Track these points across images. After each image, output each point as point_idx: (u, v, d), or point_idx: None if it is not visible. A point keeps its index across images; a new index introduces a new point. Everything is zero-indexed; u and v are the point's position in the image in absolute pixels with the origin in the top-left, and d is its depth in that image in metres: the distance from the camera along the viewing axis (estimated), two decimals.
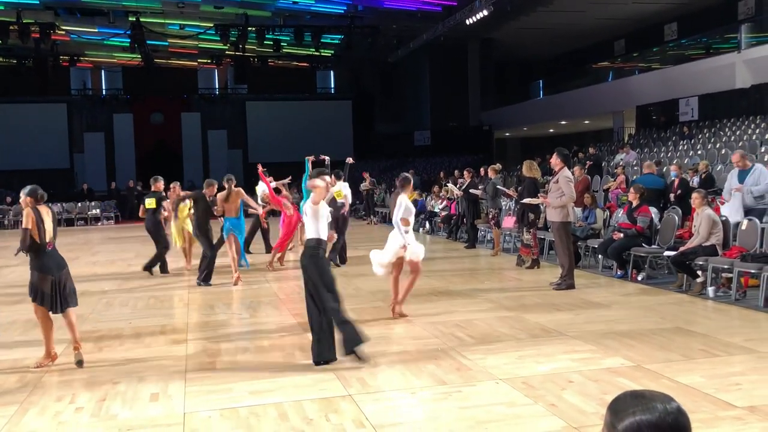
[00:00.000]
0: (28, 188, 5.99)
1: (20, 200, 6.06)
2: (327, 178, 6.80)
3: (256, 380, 5.28)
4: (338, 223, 11.07)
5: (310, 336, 5.86)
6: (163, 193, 11.73)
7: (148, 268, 11.54)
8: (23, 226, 5.77)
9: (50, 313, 5.92)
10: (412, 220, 7.44)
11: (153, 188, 11.53)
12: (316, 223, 5.80)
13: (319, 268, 5.67)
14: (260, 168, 12.89)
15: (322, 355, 5.61)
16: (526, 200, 10.63)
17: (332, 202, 11.45)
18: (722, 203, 9.90)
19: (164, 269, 11.71)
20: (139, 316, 8.09)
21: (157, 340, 6.82)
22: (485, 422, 4.23)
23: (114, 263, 13.59)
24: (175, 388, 5.16)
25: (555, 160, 9.31)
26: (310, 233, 5.83)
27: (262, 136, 36.38)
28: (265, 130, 36.56)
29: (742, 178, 9.46)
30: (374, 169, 29.39)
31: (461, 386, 4.97)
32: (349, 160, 11.83)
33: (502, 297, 8.57)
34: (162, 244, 11.51)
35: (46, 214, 5.90)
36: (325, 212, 5.91)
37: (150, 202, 11.41)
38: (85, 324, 7.60)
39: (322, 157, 11.93)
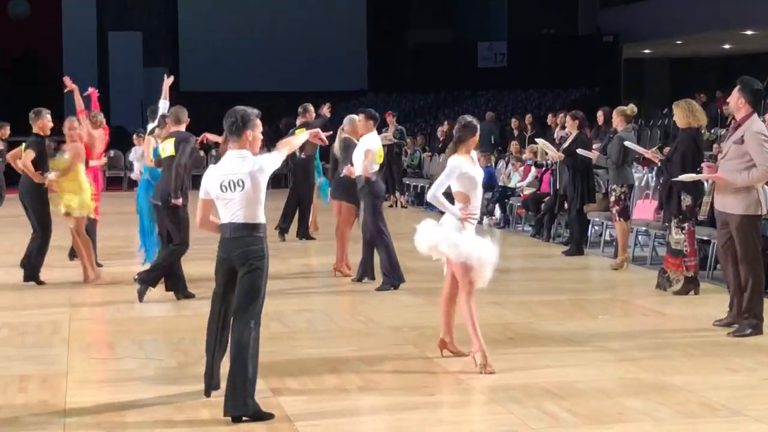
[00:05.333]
0: None
1: None
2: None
3: None
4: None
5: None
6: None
7: None
8: None
9: None
10: (475, 200, 7.62)
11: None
12: None
13: None
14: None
15: None
16: (682, 177, 10.49)
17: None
18: None
19: None
20: None
21: (12, 404, 6.88)
22: None
23: None
24: None
25: (737, 101, 9.12)
26: None
27: (204, 46, 36.42)
28: (209, 35, 36.58)
29: None
30: (405, 110, 29.41)
31: None
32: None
33: (630, 344, 8.58)
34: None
35: None
36: None
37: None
38: None
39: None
